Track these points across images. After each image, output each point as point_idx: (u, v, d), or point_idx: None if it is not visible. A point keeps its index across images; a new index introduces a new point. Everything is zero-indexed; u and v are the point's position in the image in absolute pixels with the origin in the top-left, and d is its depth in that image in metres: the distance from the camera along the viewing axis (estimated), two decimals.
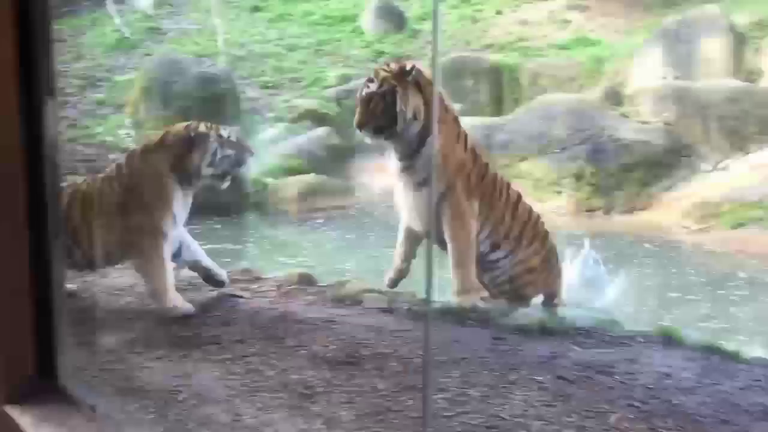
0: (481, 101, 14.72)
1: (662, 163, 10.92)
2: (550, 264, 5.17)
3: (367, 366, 3.56)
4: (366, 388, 3.31)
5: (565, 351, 3.85)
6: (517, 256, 4.93)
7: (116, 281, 4.62)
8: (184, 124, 4.50)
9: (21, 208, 2.62)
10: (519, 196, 5.14)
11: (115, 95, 13.71)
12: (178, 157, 4.25)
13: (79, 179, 4.79)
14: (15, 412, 2.56)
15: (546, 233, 5.17)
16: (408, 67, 4.64)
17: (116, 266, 4.58)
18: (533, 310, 4.50)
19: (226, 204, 10.19)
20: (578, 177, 10.96)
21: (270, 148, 12.49)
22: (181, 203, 4.30)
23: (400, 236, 5.04)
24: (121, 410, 3.01)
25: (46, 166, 2.75)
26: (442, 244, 4.75)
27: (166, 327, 4.03)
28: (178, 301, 4.17)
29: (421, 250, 4.92)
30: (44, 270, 2.77)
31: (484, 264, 4.92)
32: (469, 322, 4.33)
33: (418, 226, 4.88)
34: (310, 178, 11.27)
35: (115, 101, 13.49)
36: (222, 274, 4.53)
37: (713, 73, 12.73)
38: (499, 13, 17.70)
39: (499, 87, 14.95)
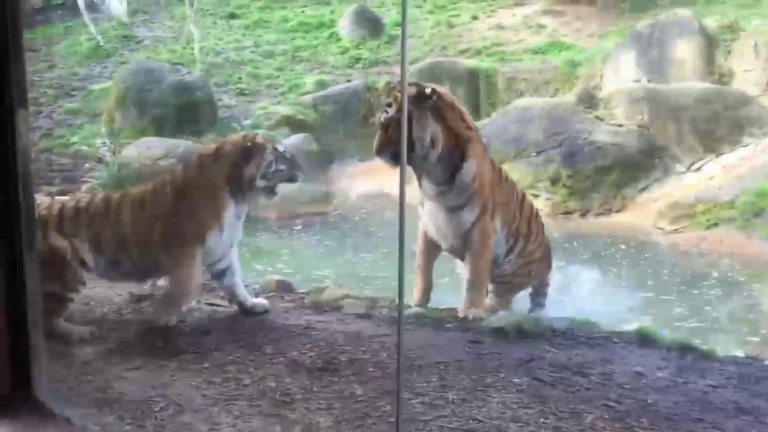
0: None
1: (636, 165, 11.05)
2: (547, 254, 5.39)
3: (345, 372, 3.57)
4: (344, 393, 3.32)
5: (542, 353, 3.89)
6: (525, 251, 5.09)
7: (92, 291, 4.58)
8: (242, 134, 4.58)
9: None
10: (523, 193, 5.29)
11: (90, 104, 13.61)
12: (234, 166, 4.23)
13: (53, 189, 4.75)
14: None
15: (542, 225, 5.37)
16: (427, 91, 4.53)
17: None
18: (509, 313, 4.52)
19: None
20: (554, 180, 11.05)
21: None
22: (232, 217, 4.27)
23: (420, 255, 5.07)
24: (97, 421, 2.99)
25: (19, 177, 2.74)
26: (460, 256, 4.91)
27: (144, 337, 4.01)
28: (174, 320, 4.15)
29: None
30: (18, 281, 2.76)
31: (496, 263, 5.01)
32: (446, 326, 4.36)
33: (442, 246, 4.97)
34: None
35: (91, 110, 13.38)
36: (258, 303, 4.46)
37: (685, 75, 12.92)
38: (474, 18, 17.82)
39: (476, 91, 15.04)
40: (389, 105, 4.57)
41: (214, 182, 4.22)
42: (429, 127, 4.49)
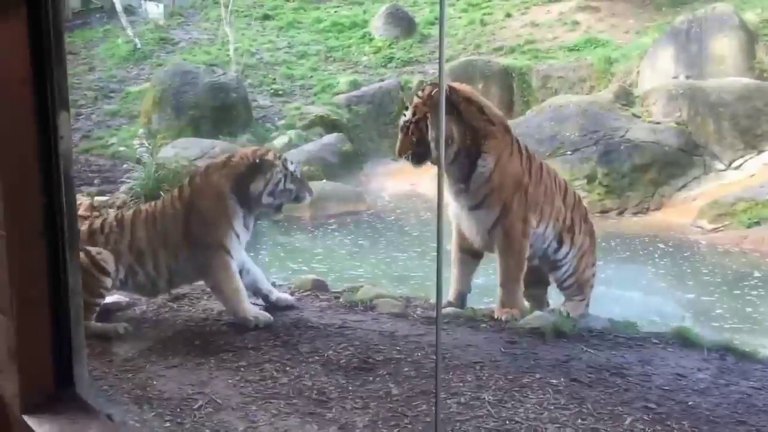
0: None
1: (675, 163, 10.87)
2: (593, 240, 5.14)
3: (381, 371, 3.57)
4: (380, 393, 3.32)
5: (579, 353, 3.85)
6: (576, 245, 4.89)
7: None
8: (254, 148, 4.49)
9: (37, 219, 2.66)
10: (565, 183, 5.08)
11: (128, 106, 13.83)
12: (240, 178, 4.22)
13: (93, 190, 4.86)
14: (33, 422, 2.59)
15: (585, 210, 5.15)
16: (436, 93, 4.47)
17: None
18: (546, 314, 4.47)
19: None
20: (591, 178, 10.92)
21: (282, 155, 12.56)
22: (242, 223, 4.27)
23: (453, 255, 4.92)
24: (137, 418, 3.04)
25: (61, 178, 2.79)
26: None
27: (181, 335, 4.06)
28: (255, 312, 4.17)
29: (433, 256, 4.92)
30: (61, 280, 2.81)
31: (550, 264, 4.89)
32: (482, 326, 4.33)
33: (472, 245, 4.79)
34: (322, 184, 11.30)
35: (128, 112, 13.61)
36: (282, 298, 4.48)
37: (725, 71, 12.67)
38: (508, 16, 17.71)
39: (510, 90, 14.95)
40: (406, 108, 4.62)
41: (220, 189, 4.22)
42: (449, 128, 4.41)
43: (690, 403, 3.24)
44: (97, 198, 10.25)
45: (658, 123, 11.35)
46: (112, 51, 16.39)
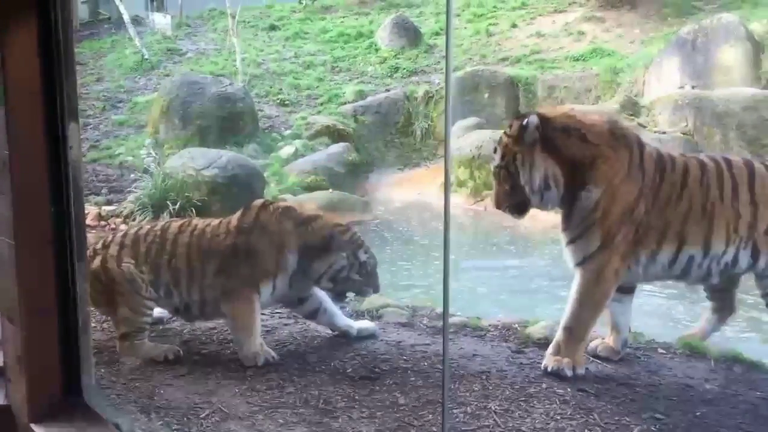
0: (497, 114, 14.75)
1: None
2: None
3: (388, 381, 3.58)
4: (386, 403, 3.32)
5: (586, 363, 3.83)
6: None
7: None
8: (335, 221, 4.10)
9: (46, 228, 2.68)
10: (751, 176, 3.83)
11: (136, 116, 13.91)
12: (308, 247, 3.90)
13: (100, 199, 4.76)
14: (41, 430, 2.60)
15: None
16: (526, 122, 3.73)
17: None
18: (552, 323, 4.46)
19: None
20: None
21: (288, 165, 12.60)
22: (286, 282, 3.93)
23: None
24: (145, 427, 3.05)
25: (70, 187, 2.81)
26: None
27: (189, 345, 4.07)
28: (262, 350, 3.85)
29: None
30: (69, 289, 2.83)
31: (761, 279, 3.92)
32: (488, 335, 4.33)
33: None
34: (329, 194, 11.33)
35: (136, 122, 13.68)
36: (363, 328, 4.22)
37: (731, 81, 12.66)
38: (514, 26, 17.76)
39: (516, 100, 14.98)
40: (495, 150, 3.91)
41: (283, 244, 3.90)
42: (538, 166, 3.72)
43: (698, 414, 3.23)
44: (104, 207, 10.30)
45: (664, 133, 11.34)
46: (119, 61, 16.50)
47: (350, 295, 4.29)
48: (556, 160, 3.70)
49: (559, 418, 3.16)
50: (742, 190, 3.74)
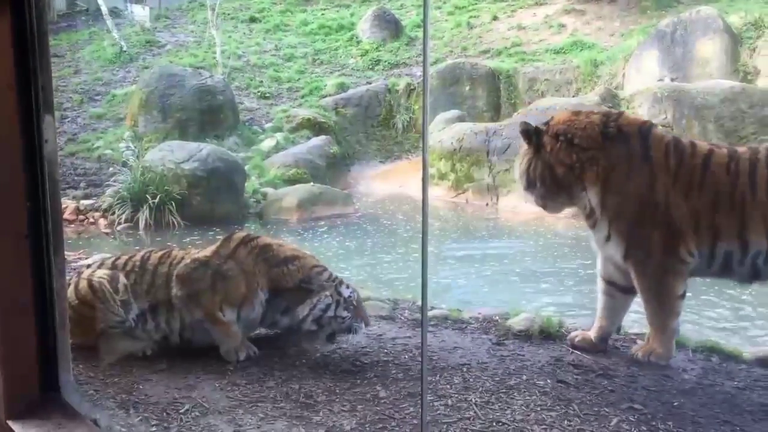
0: (479, 107, 14.80)
1: None
2: None
3: (368, 374, 3.58)
4: (367, 396, 3.32)
5: (566, 355, 3.87)
6: None
7: None
8: (313, 264, 3.95)
9: (22, 223, 2.64)
10: None
11: (114, 109, 13.77)
12: (283, 290, 3.85)
13: (78, 193, 4.67)
14: (18, 427, 2.57)
15: None
16: (532, 128, 4.04)
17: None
18: (533, 315, 4.49)
19: (226, 214, 10.25)
20: None
21: (269, 158, 12.55)
22: (260, 308, 3.87)
23: (599, 283, 4.11)
24: (123, 423, 3.03)
25: (46, 181, 2.78)
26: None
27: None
28: (239, 344, 3.80)
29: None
30: (46, 284, 2.80)
31: None
32: (469, 327, 4.35)
33: (615, 279, 4.00)
34: (310, 187, 11.30)
35: (114, 114, 13.55)
36: (327, 346, 4.06)
37: (710, 73, 12.79)
38: (495, 19, 17.79)
39: (497, 92, 15.03)
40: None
41: (254, 281, 3.83)
42: (536, 167, 3.98)
43: (675, 404, 3.27)
44: (83, 201, 10.20)
45: None
46: (97, 53, 16.31)
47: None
48: (546, 166, 3.93)
49: (539, 409, 3.18)
50: None
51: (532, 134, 3.99)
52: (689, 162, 3.74)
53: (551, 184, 3.94)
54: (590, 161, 3.81)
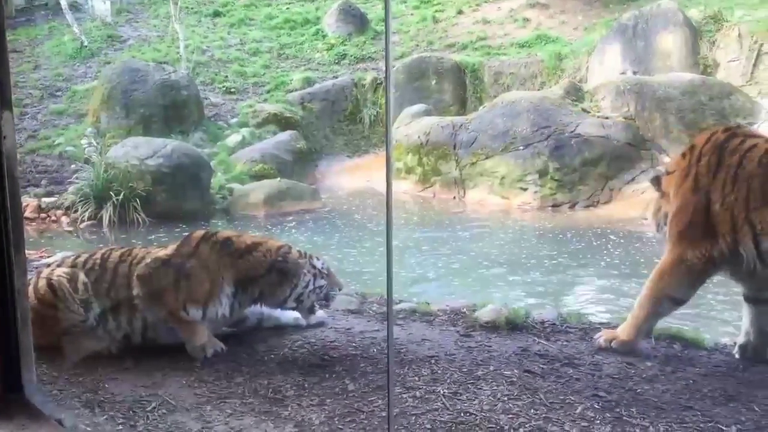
0: (445, 100, 14.86)
1: (623, 157, 11.12)
2: None
3: (337, 368, 3.58)
4: (336, 389, 3.33)
5: (532, 345, 3.91)
6: None
7: None
8: (278, 245, 3.95)
9: None
10: None
11: (76, 105, 13.54)
12: (251, 277, 3.83)
13: (40, 191, 4.59)
14: None
15: None
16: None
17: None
18: (500, 306, 4.53)
19: (193, 211, 10.15)
20: (542, 173, 11.10)
21: (235, 153, 12.45)
22: (227, 311, 3.85)
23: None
24: (89, 422, 2.99)
25: (5, 179, 2.73)
26: None
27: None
28: (206, 341, 3.78)
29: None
30: (6, 283, 2.75)
31: None
32: (437, 320, 4.37)
33: None
34: (277, 182, 11.26)
35: (76, 111, 13.32)
36: (304, 320, 4.17)
37: (671, 66, 13.00)
38: (460, 13, 17.86)
39: (463, 86, 15.10)
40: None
41: (219, 280, 3.80)
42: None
43: (638, 391, 3.33)
44: (44, 199, 10.03)
45: (606, 118, 11.59)
46: (57, 49, 16.02)
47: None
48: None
49: (506, 399, 3.21)
50: None
51: None
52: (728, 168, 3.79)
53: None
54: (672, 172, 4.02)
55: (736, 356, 3.86)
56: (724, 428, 2.98)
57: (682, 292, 3.83)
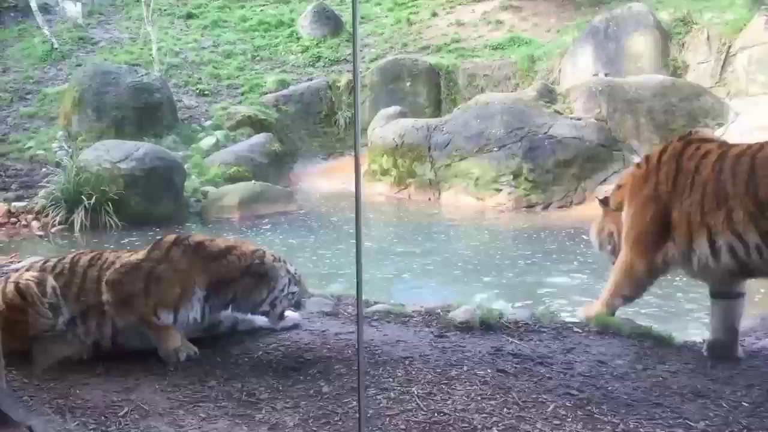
0: (419, 102, 14.92)
1: (596, 158, 11.25)
2: None
3: (311, 370, 3.58)
4: (310, 392, 3.33)
5: (505, 345, 3.94)
6: None
7: None
8: (252, 248, 3.91)
9: None
10: None
11: (46, 107, 13.38)
12: (226, 280, 3.81)
13: (10, 195, 4.53)
14: None
15: None
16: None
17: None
18: (474, 307, 4.56)
19: (167, 214, 10.08)
20: (516, 174, 11.20)
21: (209, 156, 12.38)
22: (198, 315, 3.81)
23: None
24: (60, 428, 2.96)
25: None
26: None
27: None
28: (179, 345, 3.74)
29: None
30: None
31: None
32: (412, 321, 4.39)
33: None
34: (252, 185, 11.21)
35: (46, 114, 13.16)
36: (288, 319, 4.14)
37: (641, 68, 13.18)
38: (434, 15, 17.93)
39: (437, 88, 15.17)
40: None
41: (191, 284, 3.76)
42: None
43: (609, 388, 3.37)
44: (14, 203, 9.89)
45: (579, 119, 11.72)
46: (27, 51, 15.82)
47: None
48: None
49: (479, 398, 3.23)
50: None
51: None
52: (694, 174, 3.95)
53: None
54: (629, 185, 4.32)
55: (705, 354, 3.94)
56: (692, 424, 3.02)
57: (633, 292, 4.29)
